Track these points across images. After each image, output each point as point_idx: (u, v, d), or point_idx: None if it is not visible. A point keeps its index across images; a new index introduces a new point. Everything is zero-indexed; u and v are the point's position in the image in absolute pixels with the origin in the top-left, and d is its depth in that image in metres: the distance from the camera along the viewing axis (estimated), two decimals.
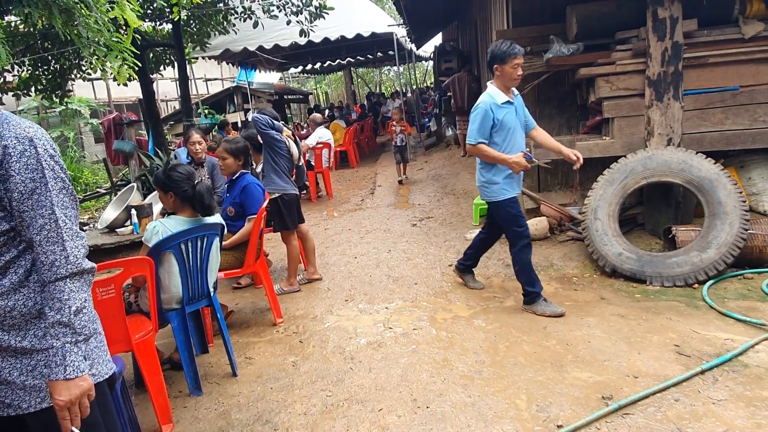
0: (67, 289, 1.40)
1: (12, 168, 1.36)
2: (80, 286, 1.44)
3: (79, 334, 1.41)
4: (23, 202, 1.38)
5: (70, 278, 1.42)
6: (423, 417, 2.63)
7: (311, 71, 22.09)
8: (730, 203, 3.99)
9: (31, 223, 1.39)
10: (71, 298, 1.40)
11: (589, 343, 3.20)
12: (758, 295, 3.66)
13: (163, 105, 16.78)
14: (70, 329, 1.40)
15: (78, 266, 1.42)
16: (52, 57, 8.03)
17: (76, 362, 1.40)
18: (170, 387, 3.16)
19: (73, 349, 1.40)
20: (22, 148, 1.37)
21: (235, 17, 9.47)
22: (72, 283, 1.42)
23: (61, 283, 1.40)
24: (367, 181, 10.02)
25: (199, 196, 3.11)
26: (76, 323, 1.41)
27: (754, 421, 2.34)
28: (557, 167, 5.56)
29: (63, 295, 1.39)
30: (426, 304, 4.08)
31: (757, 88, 4.46)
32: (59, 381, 1.38)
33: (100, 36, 4.17)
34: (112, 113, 11.86)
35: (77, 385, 1.40)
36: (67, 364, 1.38)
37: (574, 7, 4.70)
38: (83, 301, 1.43)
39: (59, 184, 1.43)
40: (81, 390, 1.41)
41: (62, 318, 1.39)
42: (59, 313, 1.39)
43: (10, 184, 1.36)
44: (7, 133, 1.37)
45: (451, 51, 11.96)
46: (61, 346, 1.38)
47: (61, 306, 1.39)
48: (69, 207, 1.45)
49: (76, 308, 1.41)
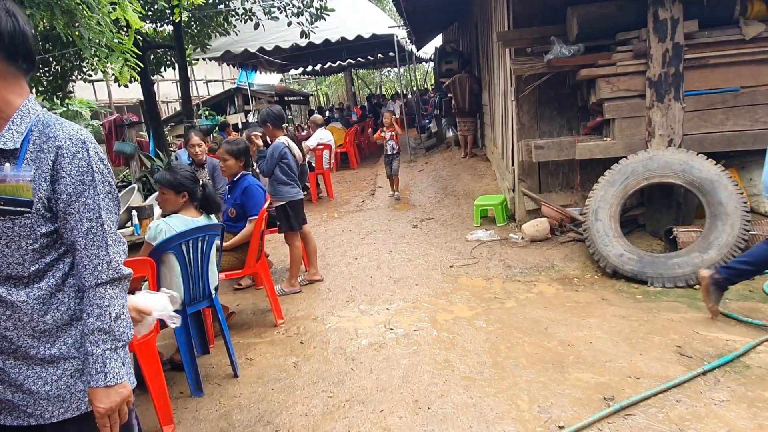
0: (107, 295, 1.38)
1: (64, 169, 1.34)
2: (119, 292, 1.42)
3: (118, 341, 1.39)
4: (71, 204, 1.36)
5: (111, 284, 1.40)
6: (424, 418, 2.63)
7: (312, 73, 22.10)
8: (731, 204, 3.99)
9: (76, 225, 1.37)
10: (111, 304, 1.39)
11: (591, 344, 3.19)
12: (760, 296, 3.65)
13: (163, 106, 16.80)
14: (110, 336, 1.37)
15: (119, 272, 1.41)
16: (53, 58, 8.02)
17: (116, 369, 1.38)
18: (171, 388, 3.16)
19: (113, 356, 1.38)
20: (75, 150, 1.36)
21: (236, 19, 9.48)
22: (112, 289, 1.40)
23: (102, 288, 1.38)
24: (368, 182, 10.02)
25: (211, 196, 3.22)
26: (116, 330, 1.39)
27: (756, 422, 2.34)
28: (558, 168, 5.56)
29: (104, 301, 1.38)
30: (427, 305, 4.08)
31: (758, 89, 4.46)
32: (100, 388, 1.36)
33: (101, 37, 4.18)
34: (113, 115, 11.85)
35: (117, 392, 1.39)
36: (107, 371, 1.36)
37: (574, 8, 4.70)
38: (122, 307, 1.42)
39: (107, 188, 1.42)
40: (121, 397, 1.40)
41: (103, 324, 1.36)
42: (99, 319, 1.36)
43: (60, 185, 1.34)
44: (61, 135, 1.35)
45: (451, 52, 11.97)
46: (101, 353, 1.36)
47: (102, 312, 1.37)
48: (113, 212, 1.45)
49: (116, 314, 1.39)
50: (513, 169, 5.90)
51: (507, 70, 5.96)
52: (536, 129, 5.55)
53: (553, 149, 4.92)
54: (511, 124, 5.89)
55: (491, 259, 4.90)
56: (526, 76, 5.19)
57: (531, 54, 5.18)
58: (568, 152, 4.86)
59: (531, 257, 4.82)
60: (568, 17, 4.85)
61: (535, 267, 4.61)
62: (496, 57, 7.18)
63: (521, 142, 5.31)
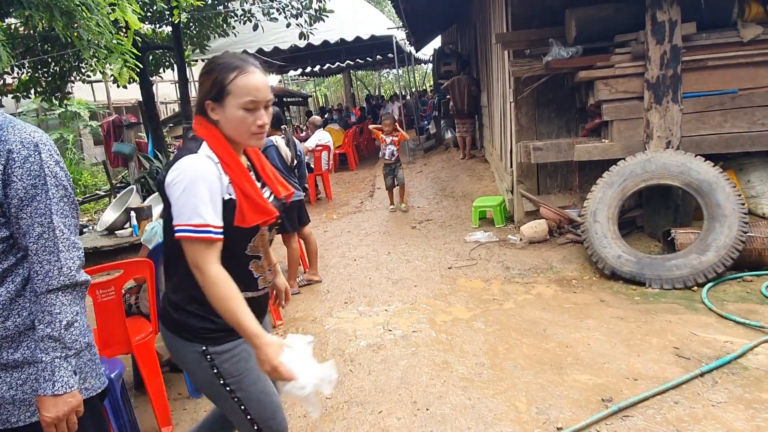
0: (58, 302, 1.36)
1: (15, 173, 1.32)
2: (73, 299, 1.39)
3: (69, 349, 1.36)
4: (23, 209, 1.34)
5: (63, 290, 1.37)
6: (423, 419, 2.63)
7: (310, 74, 22.12)
8: (729, 206, 4.00)
9: (27, 230, 1.34)
10: (62, 311, 1.36)
11: (589, 346, 3.20)
12: (757, 298, 3.66)
13: (162, 107, 16.78)
14: (60, 343, 1.35)
15: (71, 278, 1.38)
16: (52, 59, 8.02)
17: (65, 377, 1.35)
18: (170, 389, 3.15)
19: (62, 364, 1.35)
20: (27, 154, 1.33)
21: (235, 20, 9.48)
22: (64, 296, 1.37)
23: (53, 295, 1.35)
24: (366, 184, 10.03)
25: None
26: (67, 337, 1.36)
27: (754, 424, 2.35)
28: (557, 170, 5.57)
29: (54, 308, 1.35)
30: (425, 306, 4.08)
31: (755, 91, 4.47)
32: (47, 396, 1.34)
33: (101, 38, 4.18)
34: (112, 115, 11.85)
35: (65, 402, 1.35)
36: (56, 379, 1.34)
37: (573, 10, 4.71)
38: (75, 315, 1.38)
39: (61, 192, 1.39)
40: (69, 406, 1.36)
41: (52, 332, 1.34)
42: (50, 326, 1.34)
43: (11, 190, 1.32)
44: (12, 138, 1.33)
45: (450, 54, 11.99)
46: (50, 361, 1.34)
47: (52, 319, 1.34)
48: (69, 216, 1.41)
49: (67, 322, 1.36)
50: (511, 171, 5.91)
51: (506, 72, 5.97)
52: (535, 131, 5.56)
53: (552, 151, 4.93)
54: (510, 125, 5.90)
55: (490, 261, 4.91)
56: (525, 78, 5.20)
57: (530, 56, 5.18)
58: (566, 154, 4.87)
59: (529, 259, 4.83)
60: (566, 19, 4.86)
61: (533, 268, 4.62)
62: (494, 59, 7.20)
63: (520, 143, 5.32)
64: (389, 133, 7.12)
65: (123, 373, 2.49)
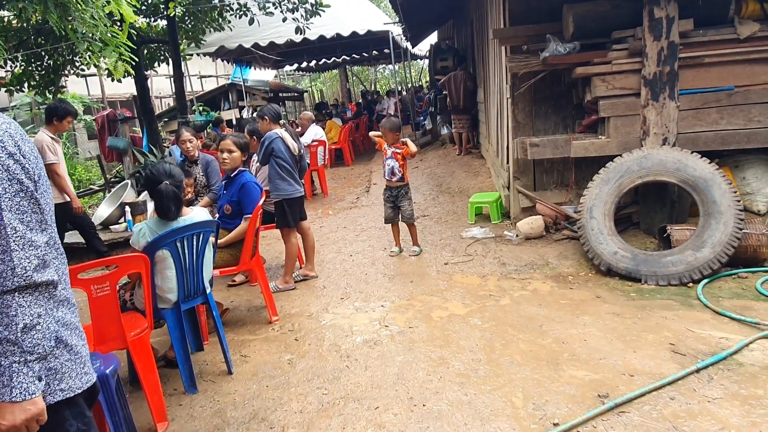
0: (14, 304, 1.26)
1: None
2: (33, 301, 1.29)
3: (29, 353, 1.27)
4: None
5: (19, 292, 1.27)
6: (419, 415, 2.63)
7: (306, 69, 22.02)
8: (725, 203, 4.01)
9: None
10: (19, 314, 1.26)
11: (585, 342, 3.20)
12: (752, 294, 3.68)
13: (157, 102, 16.70)
14: (18, 348, 1.26)
15: (26, 278, 1.27)
16: (46, 53, 7.96)
17: (25, 384, 1.27)
18: (165, 385, 3.14)
19: (21, 369, 1.26)
20: None
21: (231, 14, 9.43)
22: (21, 298, 1.27)
23: (9, 296, 1.26)
24: (363, 179, 10.01)
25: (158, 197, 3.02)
26: (26, 341, 1.27)
27: (749, 420, 2.36)
28: (553, 166, 5.57)
29: (10, 310, 1.25)
30: (422, 302, 4.08)
31: (752, 89, 4.48)
32: (4, 403, 1.26)
33: (95, 31, 4.15)
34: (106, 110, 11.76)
35: (24, 409, 1.27)
36: (13, 385, 1.25)
37: (570, 6, 4.70)
38: (35, 317, 1.28)
39: (15, 186, 1.28)
40: (28, 414, 1.28)
41: (9, 335, 1.25)
42: (7, 329, 1.25)
43: None
44: None
45: (447, 49, 11.97)
46: (8, 366, 1.25)
47: (9, 322, 1.25)
48: (27, 212, 1.30)
49: (24, 325, 1.26)
50: (508, 167, 5.91)
51: (503, 68, 5.96)
52: (531, 127, 5.55)
53: (549, 147, 4.93)
54: (507, 121, 5.89)
55: (486, 257, 4.91)
56: (522, 74, 5.18)
57: (527, 52, 5.17)
58: (563, 150, 4.88)
59: (525, 255, 4.83)
60: (564, 15, 4.85)
61: (529, 264, 4.62)
62: (491, 54, 7.19)
63: (516, 139, 5.31)
64: (392, 143, 5.14)
65: (118, 368, 2.48)
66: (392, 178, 5.14)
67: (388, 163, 5.13)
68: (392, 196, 5.19)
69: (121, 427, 2.38)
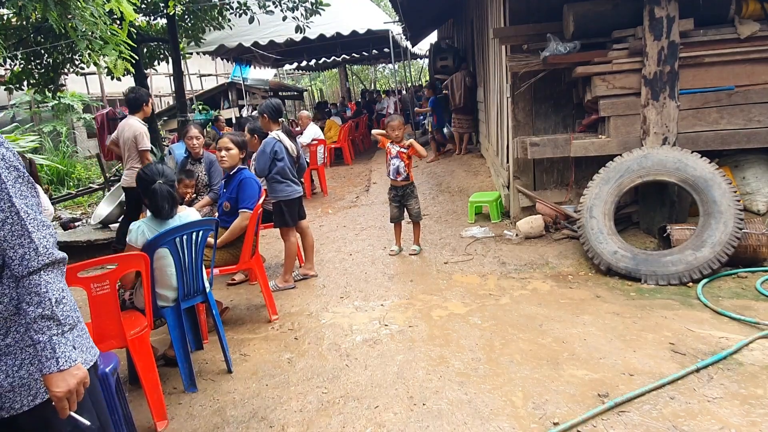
0: (43, 282, 1.35)
1: None
2: (56, 276, 1.39)
3: (64, 325, 1.38)
4: None
5: (44, 270, 1.36)
6: (419, 414, 2.63)
7: (306, 68, 22.01)
8: (725, 202, 4.01)
9: None
10: (50, 289, 1.36)
11: (585, 341, 3.20)
12: (752, 294, 3.68)
13: (157, 100, 16.67)
14: (54, 321, 1.36)
15: (50, 256, 1.37)
16: (45, 51, 7.95)
17: (67, 353, 1.37)
18: (165, 383, 3.14)
19: (61, 341, 1.36)
20: None
21: (231, 12, 9.42)
22: (47, 275, 1.37)
23: (36, 276, 1.35)
24: (362, 178, 10.01)
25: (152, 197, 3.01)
26: (60, 314, 1.37)
27: (749, 419, 2.36)
28: (553, 165, 5.57)
29: (40, 288, 1.35)
30: (421, 301, 4.07)
31: (752, 88, 4.48)
32: (54, 374, 1.35)
33: (95, 29, 4.14)
34: (105, 108, 11.76)
35: (72, 375, 1.38)
36: (58, 356, 1.35)
37: (571, 5, 4.70)
38: (62, 291, 1.39)
39: (14, 173, 1.36)
40: (77, 379, 1.39)
41: (44, 311, 1.34)
42: (40, 306, 1.34)
43: None
44: None
45: (446, 49, 11.95)
46: (48, 340, 1.35)
47: (41, 299, 1.34)
48: (29, 196, 1.39)
49: (56, 299, 1.36)
50: (508, 166, 5.91)
51: (503, 67, 5.96)
52: (531, 126, 5.55)
53: (549, 146, 4.92)
54: (507, 121, 5.89)
55: (486, 256, 4.91)
56: (522, 73, 5.18)
57: (527, 51, 5.17)
58: (563, 150, 4.87)
59: (525, 254, 4.83)
60: (564, 15, 4.85)
61: (529, 264, 4.62)
62: (491, 54, 7.18)
63: (516, 139, 5.31)
64: (397, 141, 5.09)
65: (118, 367, 2.47)
66: (398, 178, 5.12)
67: (393, 163, 5.09)
68: (398, 195, 5.19)
69: (121, 426, 2.38)
